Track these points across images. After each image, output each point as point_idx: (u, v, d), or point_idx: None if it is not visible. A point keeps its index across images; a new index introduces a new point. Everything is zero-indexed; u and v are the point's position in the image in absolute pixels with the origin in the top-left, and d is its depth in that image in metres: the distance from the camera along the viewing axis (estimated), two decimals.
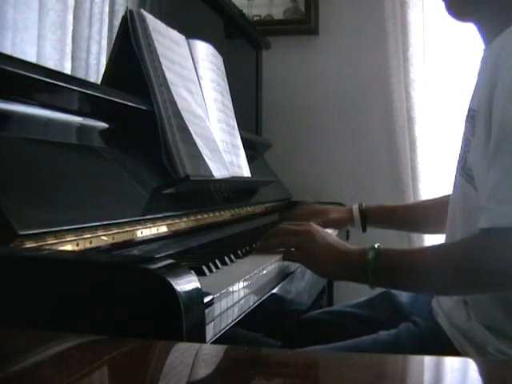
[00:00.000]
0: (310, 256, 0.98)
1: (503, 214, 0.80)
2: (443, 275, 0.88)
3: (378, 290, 1.10)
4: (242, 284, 0.80)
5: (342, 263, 0.97)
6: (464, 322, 0.97)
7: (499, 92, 0.85)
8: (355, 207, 1.42)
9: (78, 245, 0.76)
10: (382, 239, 1.37)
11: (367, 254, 0.93)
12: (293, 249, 1.01)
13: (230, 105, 1.54)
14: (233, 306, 0.76)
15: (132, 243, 0.90)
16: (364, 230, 1.41)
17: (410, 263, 0.92)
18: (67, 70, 1.25)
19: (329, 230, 1.28)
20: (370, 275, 0.92)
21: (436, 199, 1.36)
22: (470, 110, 1.00)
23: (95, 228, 0.80)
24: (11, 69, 0.79)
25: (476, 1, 0.99)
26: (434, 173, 2.20)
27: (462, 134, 1.03)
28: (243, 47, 2.14)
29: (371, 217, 1.41)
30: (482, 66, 1.00)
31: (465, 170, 0.97)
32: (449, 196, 1.11)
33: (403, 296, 1.22)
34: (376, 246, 0.94)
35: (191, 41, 1.37)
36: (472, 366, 0.52)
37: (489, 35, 0.99)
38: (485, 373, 0.49)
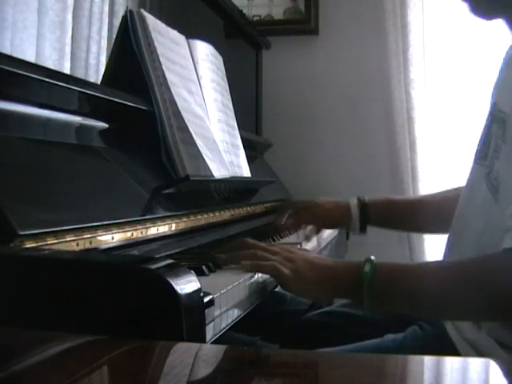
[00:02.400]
0: (292, 274, 0.85)
1: None
2: (452, 293, 0.78)
3: None
4: (242, 284, 0.80)
5: (329, 279, 0.84)
6: (472, 332, 0.92)
7: None
8: (353, 204, 1.21)
9: (78, 245, 0.76)
10: (382, 241, 1.35)
11: (362, 266, 0.80)
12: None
13: (230, 105, 1.54)
14: (233, 306, 0.76)
15: (132, 243, 0.90)
16: (363, 230, 1.21)
17: (414, 278, 0.82)
18: (66, 70, 1.25)
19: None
20: (366, 291, 0.79)
21: (436, 195, 1.28)
22: (496, 109, 0.91)
23: (95, 228, 0.80)
24: (10, 68, 0.79)
25: (504, 1, 0.94)
26: (434, 173, 2.20)
27: (482, 130, 0.94)
28: (243, 47, 2.14)
29: (374, 215, 1.20)
30: (509, 62, 0.94)
31: (490, 179, 0.88)
32: (450, 192, 1.01)
33: None
34: (372, 258, 0.82)
35: (191, 41, 1.37)
36: (472, 366, 0.52)
37: None
38: (485, 373, 0.49)
